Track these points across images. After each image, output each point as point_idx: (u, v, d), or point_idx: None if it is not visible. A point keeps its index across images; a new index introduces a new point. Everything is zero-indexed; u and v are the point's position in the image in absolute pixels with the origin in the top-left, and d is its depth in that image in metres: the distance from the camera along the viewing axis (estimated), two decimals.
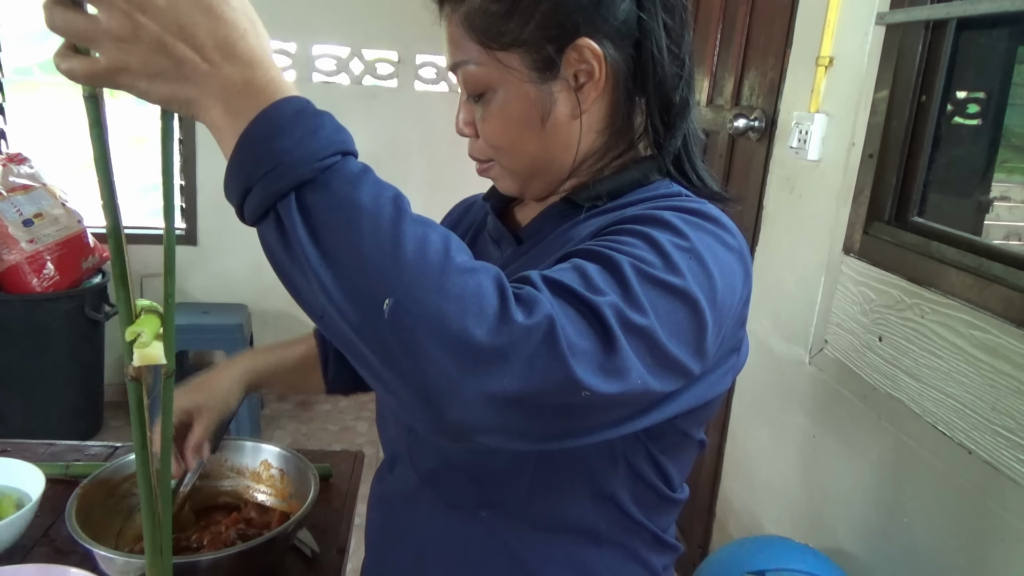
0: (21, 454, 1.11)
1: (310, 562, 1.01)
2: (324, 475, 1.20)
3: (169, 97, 0.50)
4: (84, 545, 0.85)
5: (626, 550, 0.75)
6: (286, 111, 0.49)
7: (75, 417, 2.87)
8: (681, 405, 0.61)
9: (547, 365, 0.48)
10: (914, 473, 1.33)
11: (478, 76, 0.69)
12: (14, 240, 2.61)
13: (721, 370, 0.66)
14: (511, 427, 0.51)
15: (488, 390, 0.48)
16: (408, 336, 0.47)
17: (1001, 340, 1.16)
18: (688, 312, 0.56)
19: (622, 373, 0.51)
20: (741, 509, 2.05)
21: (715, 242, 0.62)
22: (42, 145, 3.08)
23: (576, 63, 0.68)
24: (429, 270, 0.48)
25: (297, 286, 0.51)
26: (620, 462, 0.70)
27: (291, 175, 0.48)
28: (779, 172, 1.93)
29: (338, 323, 0.49)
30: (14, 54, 3.04)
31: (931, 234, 1.42)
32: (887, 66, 1.54)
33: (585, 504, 0.72)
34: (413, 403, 0.49)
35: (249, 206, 0.50)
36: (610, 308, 0.52)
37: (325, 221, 0.48)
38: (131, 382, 0.56)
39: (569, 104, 0.69)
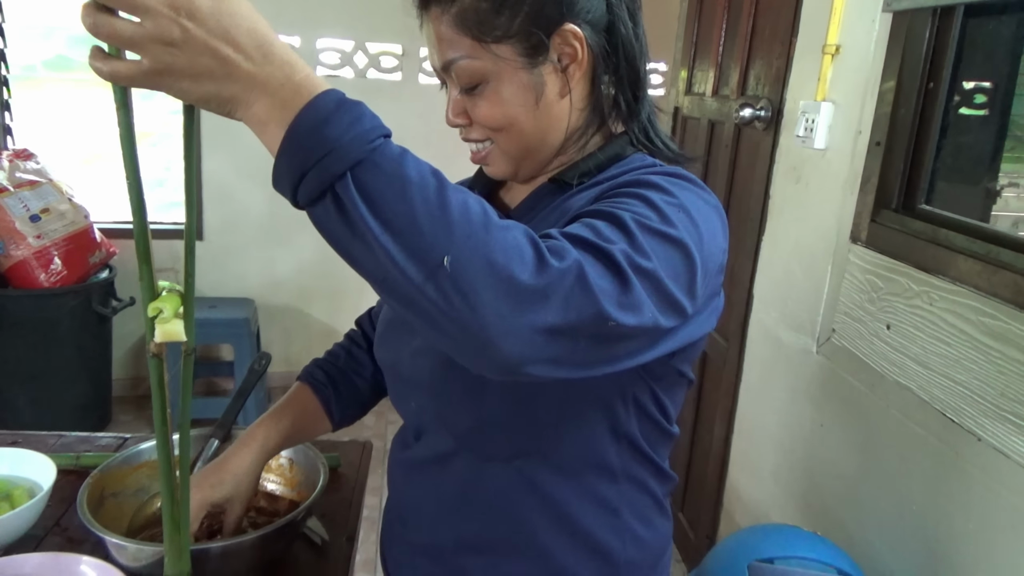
0: (32, 445, 1.11)
1: (320, 550, 1.01)
2: (333, 465, 1.21)
3: (212, 96, 0.55)
4: (96, 533, 0.85)
5: (637, 482, 0.85)
6: (329, 102, 0.55)
7: (84, 411, 2.89)
8: (679, 341, 0.69)
9: (581, 301, 0.57)
10: (923, 461, 1.33)
11: (473, 69, 0.75)
12: (21, 235, 2.62)
13: (707, 311, 0.74)
14: (553, 356, 0.58)
15: (535, 324, 0.55)
16: (466, 286, 0.54)
17: (1010, 326, 1.16)
18: (682, 257, 0.65)
19: (637, 308, 0.60)
20: (748, 499, 2.05)
21: (697, 199, 0.71)
22: (48, 141, 3.09)
23: (560, 47, 0.76)
24: (475, 229, 0.55)
25: (357, 257, 0.56)
26: (630, 401, 0.80)
27: (346, 158, 0.54)
28: (785, 161, 1.92)
29: (401, 284, 0.55)
30: (19, 51, 3.05)
31: (939, 221, 1.41)
32: (894, 53, 1.53)
33: (605, 442, 0.81)
34: (472, 343, 0.56)
35: (305, 189, 0.55)
36: (621, 254, 0.60)
37: (381, 195, 0.54)
38: (152, 359, 0.58)
39: (557, 84, 0.77)
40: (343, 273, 3.80)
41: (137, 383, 3.35)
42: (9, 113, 3.04)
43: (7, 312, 2.66)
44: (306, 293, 3.45)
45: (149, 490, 1.03)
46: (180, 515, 0.63)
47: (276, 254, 3.36)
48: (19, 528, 0.94)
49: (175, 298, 0.58)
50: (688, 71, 2.61)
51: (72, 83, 3.23)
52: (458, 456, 0.84)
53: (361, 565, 2.22)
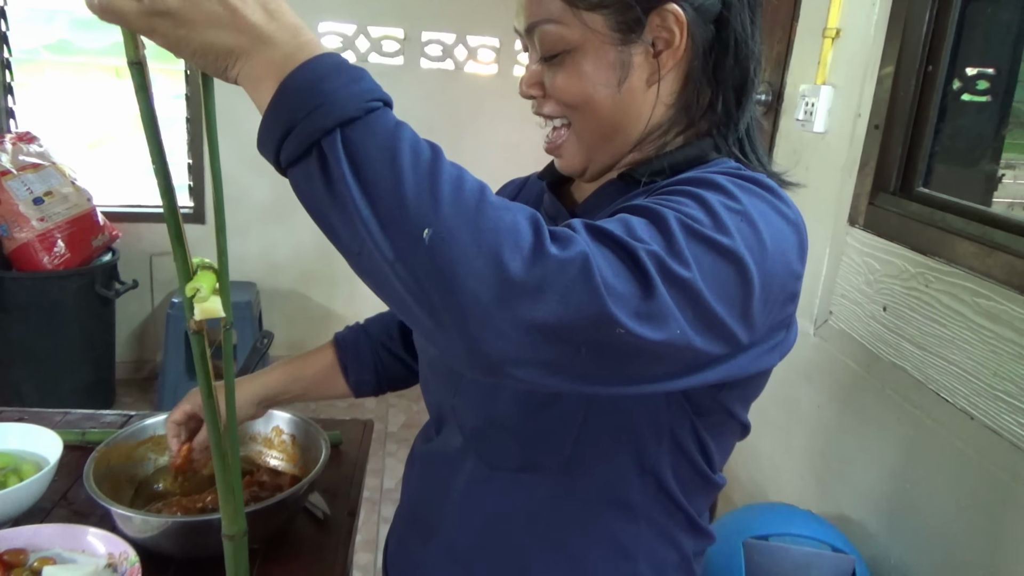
0: (38, 422, 1.13)
1: (321, 524, 1.03)
2: (335, 442, 1.22)
3: (210, 46, 0.51)
4: (103, 505, 0.87)
5: (661, 529, 0.75)
6: (329, 62, 0.51)
7: (88, 393, 2.91)
8: (726, 372, 0.59)
9: (581, 299, 0.49)
10: (917, 440, 1.35)
11: (559, 35, 0.68)
12: (25, 218, 2.63)
13: (769, 344, 0.63)
14: (545, 360, 0.51)
15: (522, 319, 0.48)
16: (445, 267, 0.48)
17: (1004, 307, 1.17)
18: (734, 272, 0.55)
19: (660, 320, 0.51)
20: (746, 478, 2.07)
21: (769, 209, 0.60)
22: (50, 125, 3.09)
23: (658, 28, 0.67)
24: (465, 204, 0.49)
25: (334, 224, 0.51)
26: (665, 435, 0.70)
27: (337, 112, 0.50)
28: (785, 145, 1.93)
29: (375, 258, 0.50)
30: (22, 34, 3.05)
31: (936, 204, 1.42)
32: (894, 37, 1.53)
33: (626, 475, 0.71)
34: (448, 335, 0.50)
35: (290, 145, 0.51)
36: (648, 255, 0.52)
37: (367, 157, 0.49)
38: (194, 335, 0.58)
39: (646, 70, 0.69)
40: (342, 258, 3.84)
41: (140, 366, 3.37)
42: (12, 96, 3.04)
43: (11, 295, 2.68)
44: (307, 277, 3.47)
45: (155, 463, 1.05)
46: (233, 480, 0.65)
47: (277, 238, 3.37)
48: (27, 500, 0.95)
49: (211, 275, 0.58)
50: None
51: (75, 67, 3.23)
52: (466, 458, 0.77)
53: (361, 545, 2.24)
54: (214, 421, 0.62)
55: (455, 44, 3.36)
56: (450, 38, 3.35)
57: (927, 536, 1.32)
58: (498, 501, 0.75)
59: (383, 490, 2.60)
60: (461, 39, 3.36)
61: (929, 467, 1.31)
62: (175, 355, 2.92)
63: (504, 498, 0.75)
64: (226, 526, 0.68)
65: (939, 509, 1.29)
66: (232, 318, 0.59)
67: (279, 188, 3.37)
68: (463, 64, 3.39)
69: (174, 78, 3.08)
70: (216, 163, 0.59)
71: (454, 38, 3.35)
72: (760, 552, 1.37)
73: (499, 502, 0.75)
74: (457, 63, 3.39)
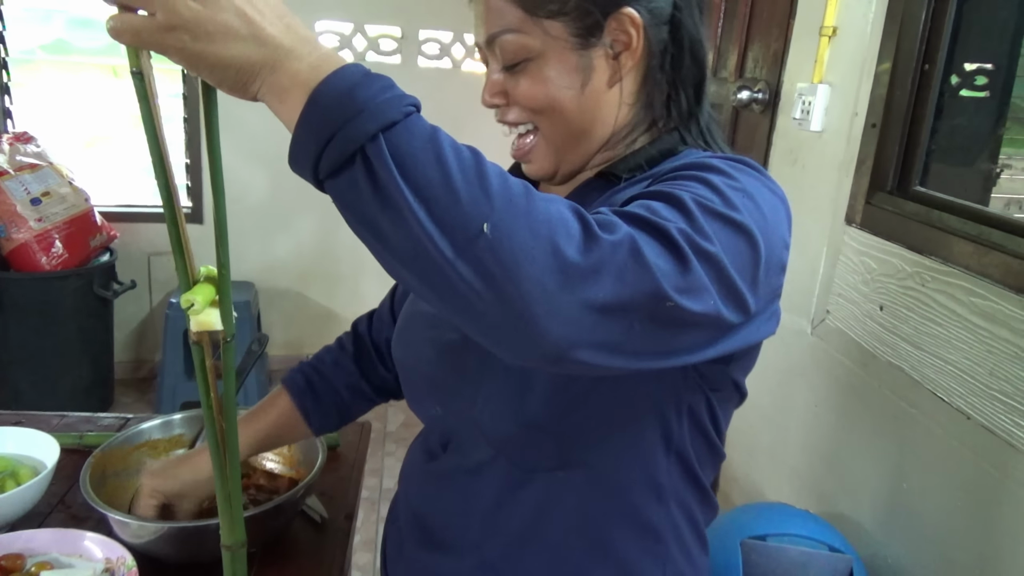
0: (35, 425, 1.13)
1: (319, 527, 1.03)
2: (332, 444, 1.22)
3: (232, 60, 0.51)
4: (99, 510, 0.87)
5: (684, 507, 0.78)
6: (356, 71, 0.52)
7: (86, 394, 2.91)
8: (739, 341, 0.62)
9: (635, 277, 0.51)
10: (913, 439, 1.35)
11: (520, 44, 0.70)
12: (23, 219, 2.63)
13: (767, 313, 0.67)
14: (605, 340, 0.52)
15: (583, 301, 0.50)
16: (507, 258, 0.49)
17: (1000, 306, 1.17)
18: (746, 244, 0.59)
19: (699, 292, 0.54)
20: (743, 478, 2.07)
21: (762, 187, 0.65)
22: (48, 124, 3.09)
23: (616, 31, 0.70)
24: (516, 198, 0.50)
25: (384, 232, 0.51)
26: (685, 412, 0.73)
27: (379, 118, 0.50)
28: (782, 144, 1.93)
29: (433, 259, 0.49)
30: (18, 34, 3.04)
31: (932, 203, 1.42)
32: (890, 35, 1.53)
33: (655, 456, 0.74)
34: (512, 327, 0.50)
35: (331, 153, 0.50)
36: (679, 232, 0.54)
37: (414, 159, 0.50)
38: (194, 346, 0.58)
39: (607, 72, 0.72)
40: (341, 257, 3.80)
41: (138, 366, 3.37)
42: (9, 96, 3.04)
43: (9, 295, 2.68)
44: (305, 276, 3.47)
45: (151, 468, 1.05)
46: (232, 490, 0.65)
47: (275, 237, 3.37)
48: (24, 505, 0.95)
49: (208, 288, 0.57)
50: None
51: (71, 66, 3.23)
52: (495, 466, 0.76)
53: (360, 545, 2.25)
54: (214, 432, 0.62)
55: (452, 42, 3.36)
56: (447, 36, 3.34)
57: (924, 535, 1.32)
58: (537, 503, 0.75)
59: (382, 490, 2.61)
60: (458, 37, 3.35)
61: (926, 466, 1.32)
62: (173, 355, 2.92)
63: (543, 499, 0.75)
64: (224, 536, 0.68)
65: (936, 508, 1.29)
66: (234, 330, 0.59)
67: (278, 186, 3.37)
68: (461, 62, 3.39)
69: (171, 77, 3.08)
70: (218, 177, 0.58)
71: (451, 36, 3.34)
72: (758, 552, 1.38)
73: (538, 504, 0.75)
74: (455, 61, 3.38)
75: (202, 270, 0.59)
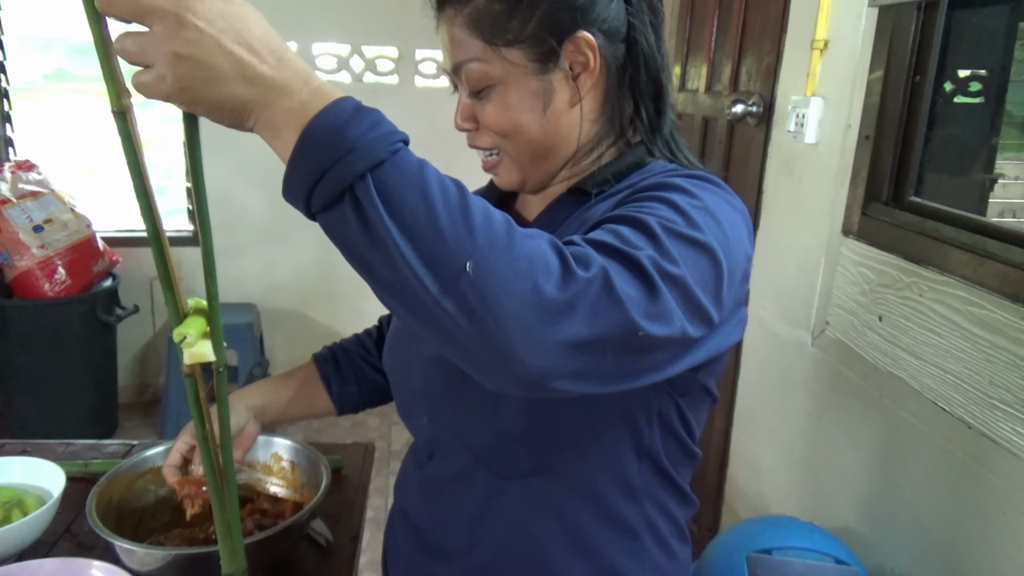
0: (41, 454, 1.14)
1: (324, 551, 1.03)
2: (336, 467, 1.23)
3: (224, 101, 0.53)
4: (105, 538, 0.87)
5: (658, 505, 0.81)
6: (347, 107, 0.53)
7: (91, 419, 2.91)
8: (705, 352, 0.66)
9: (608, 311, 0.54)
10: (916, 449, 1.35)
11: (482, 72, 0.74)
12: (25, 246, 2.64)
13: (733, 321, 0.70)
14: (579, 370, 0.55)
15: (561, 337, 0.53)
16: (488, 295, 0.51)
17: (997, 315, 1.18)
18: (709, 263, 0.62)
19: (666, 317, 0.57)
20: (748, 491, 2.07)
21: (722, 202, 0.68)
22: (49, 152, 3.11)
23: (573, 54, 0.74)
24: (498, 236, 0.53)
25: (372, 265, 0.53)
26: (655, 417, 0.77)
27: (367, 157, 0.51)
28: (777, 156, 1.94)
29: (418, 293, 0.52)
30: (19, 63, 3.07)
31: (928, 213, 1.43)
32: (881, 47, 1.55)
33: (627, 460, 0.78)
34: (493, 358, 0.53)
35: (321, 192, 0.52)
36: (648, 260, 0.57)
37: (401, 198, 0.52)
38: (187, 378, 0.59)
39: (567, 92, 0.75)
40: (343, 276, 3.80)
41: (143, 390, 3.38)
42: (10, 125, 3.07)
43: (13, 322, 2.69)
44: (308, 296, 3.48)
45: (156, 495, 1.06)
46: (231, 519, 0.66)
47: (276, 258, 3.39)
48: (31, 534, 0.96)
49: (199, 320, 0.59)
50: (681, 67, 2.63)
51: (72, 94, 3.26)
52: (475, 473, 0.80)
53: (366, 566, 2.24)
54: (210, 462, 0.62)
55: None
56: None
57: (929, 544, 1.32)
58: (517, 509, 0.79)
59: (388, 510, 2.60)
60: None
61: (929, 476, 1.32)
62: (177, 378, 2.93)
63: (522, 505, 0.79)
64: (225, 565, 0.69)
65: (940, 517, 1.29)
66: (225, 360, 0.60)
67: (277, 206, 3.38)
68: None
69: None
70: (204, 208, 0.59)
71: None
72: (763, 566, 1.38)
73: (518, 510, 0.79)
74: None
75: (190, 303, 0.60)
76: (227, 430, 0.63)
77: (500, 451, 0.77)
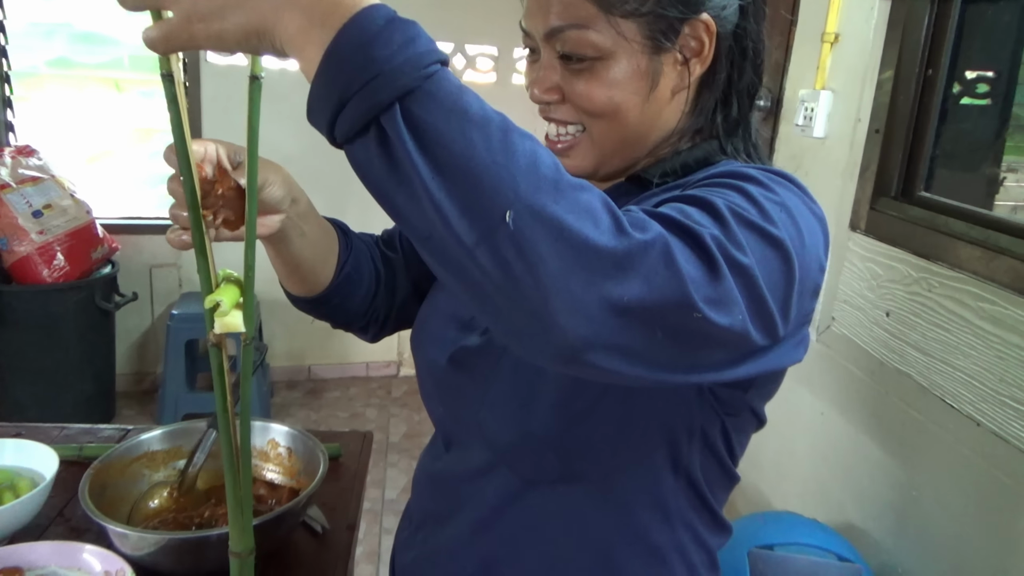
0: (35, 437, 1.12)
1: (321, 538, 1.02)
2: (334, 455, 1.21)
3: (241, 29, 0.48)
4: (99, 522, 0.86)
5: (690, 530, 0.75)
6: (376, 18, 0.46)
7: (88, 406, 2.90)
8: (763, 366, 0.58)
9: (665, 281, 0.48)
10: (922, 446, 1.34)
11: (589, 41, 0.65)
12: (24, 231, 2.63)
13: (796, 339, 0.62)
14: (624, 345, 0.49)
15: (609, 299, 0.46)
16: (529, 249, 0.45)
17: (1009, 311, 1.16)
18: (780, 262, 0.55)
19: (728, 306, 0.50)
20: (750, 486, 2.05)
21: (801, 204, 0.61)
22: (50, 138, 3.10)
23: (687, 37, 0.67)
24: (544, 182, 0.46)
25: (400, 208, 0.47)
26: (697, 434, 0.70)
27: (394, 84, 0.45)
28: (785, 150, 1.92)
29: (449, 243, 0.46)
30: (22, 49, 3.05)
31: (938, 208, 1.41)
32: (893, 41, 1.53)
33: (661, 476, 0.71)
34: (528, 322, 0.47)
35: (344, 122, 0.46)
36: (712, 239, 0.51)
37: (435, 132, 0.45)
38: (212, 348, 0.57)
39: (673, 79, 0.69)
40: None
41: (140, 378, 3.36)
42: (11, 110, 3.05)
43: (10, 308, 2.67)
44: None
45: (150, 480, 1.04)
46: (244, 496, 0.64)
47: None
48: (23, 517, 0.94)
49: (233, 289, 0.57)
50: None
51: (74, 80, 3.23)
52: (495, 473, 0.75)
53: (362, 557, 2.23)
54: (228, 437, 0.61)
55: (453, 53, 3.37)
56: (448, 47, 3.35)
57: (934, 543, 1.30)
58: (535, 515, 0.73)
59: (384, 501, 2.59)
60: (459, 48, 3.37)
61: (935, 474, 1.30)
62: (175, 367, 2.91)
63: (541, 511, 0.73)
64: (233, 543, 0.67)
65: (946, 516, 1.27)
66: (253, 332, 0.58)
67: None
68: (462, 73, 3.40)
69: None
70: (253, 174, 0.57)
71: (452, 47, 3.36)
72: (766, 562, 1.36)
73: (536, 515, 0.73)
74: (455, 72, 3.39)
75: (220, 273, 0.59)
76: (247, 404, 0.61)
77: (526, 453, 0.71)
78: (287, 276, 0.85)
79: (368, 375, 3.65)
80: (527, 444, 0.70)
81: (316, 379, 3.55)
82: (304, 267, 0.83)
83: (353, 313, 0.90)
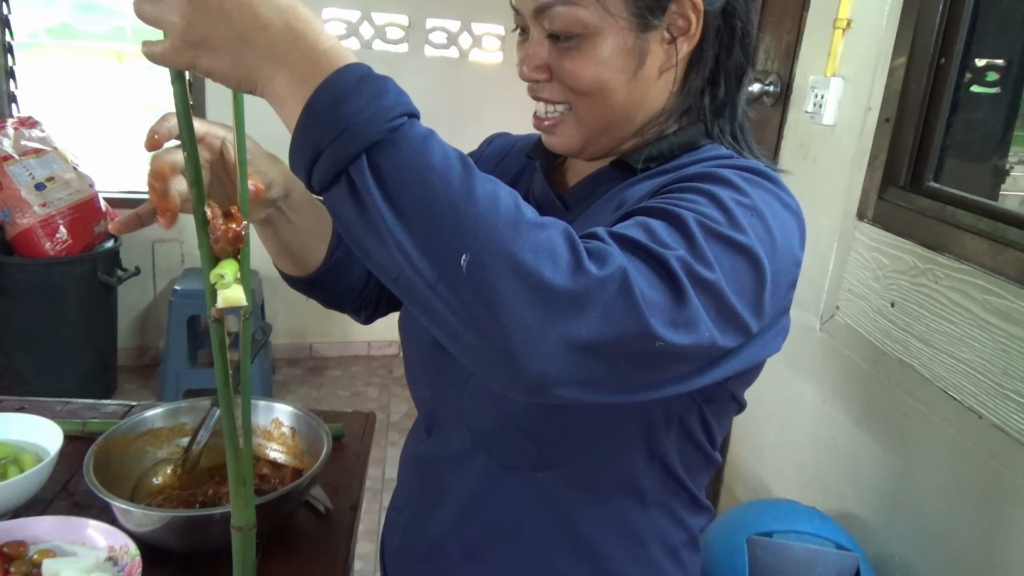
0: (39, 412, 1.12)
1: (323, 518, 1.02)
2: (336, 435, 1.21)
3: (229, 70, 0.51)
4: (102, 498, 0.86)
5: (668, 511, 0.76)
6: (350, 77, 0.50)
7: (89, 380, 2.91)
8: (739, 363, 0.61)
9: (623, 315, 0.49)
10: (923, 438, 1.34)
11: (575, 18, 0.66)
12: (27, 204, 2.62)
13: (773, 331, 0.65)
14: (588, 377, 0.51)
15: (567, 338, 0.48)
16: (486, 290, 0.47)
17: (1015, 305, 1.15)
18: (750, 268, 0.56)
19: (692, 325, 0.52)
20: (749, 474, 2.06)
21: (774, 200, 0.62)
22: (52, 109, 3.08)
23: (674, 15, 0.67)
24: (502, 225, 0.48)
25: (370, 249, 0.51)
26: (674, 422, 0.71)
27: (361, 137, 0.48)
28: (793, 137, 1.91)
29: (415, 283, 0.49)
30: (23, 17, 3.03)
31: (946, 199, 1.41)
32: (906, 28, 1.51)
33: (638, 463, 0.73)
34: (492, 358, 0.49)
35: (319, 172, 0.50)
36: (678, 261, 0.52)
37: (397, 181, 0.48)
38: (214, 323, 0.58)
39: (660, 57, 0.69)
40: None
41: (142, 352, 3.37)
42: (14, 80, 3.03)
43: (13, 280, 2.67)
44: None
45: (154, 456, 1.04)
46: (244, 470, 0.65)
47: None
48: (27, 492, 0.95)
49: (234, 263, 0.57)
50: None
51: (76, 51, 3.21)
52: (475, 459, 0.76)
53: (363, 535, 2.25)
54: (229, 410, 0.61)
55: (460, 32, 3.34)
56: (455, 25, 3.32)
57: (933, 534, 1.31)
58: (513, 499, 0.75)
59: (384, 480, 2.60)
60: (466, 26, 3.33)
61: (935, 465, 1.30)
62: (177, 342, 2.92)
63: (519, 496, 0.75)
64: (235, 517, 0.67)
65: (945, 507, 1.28)
66: (252, 306, 0.58)
67: None
68: (468, 52, 3.37)
69: None
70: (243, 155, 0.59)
71: (459, 25, 3.32)
72: (764, 549, 1.37)
73: (514, 500, 0.75)
74: (461, 51, 3.36)
75: None
76: (247, 377, 0.62)
77: (505, 439, 0.73)
78: (276, 256, 0.87)
79: (370, 354, 3.65)
80: (505, 431, 0.72)
81: (318, 357, 3.56)
82: (291, 249, 0.84)
83: (345, 296, 0.91)
